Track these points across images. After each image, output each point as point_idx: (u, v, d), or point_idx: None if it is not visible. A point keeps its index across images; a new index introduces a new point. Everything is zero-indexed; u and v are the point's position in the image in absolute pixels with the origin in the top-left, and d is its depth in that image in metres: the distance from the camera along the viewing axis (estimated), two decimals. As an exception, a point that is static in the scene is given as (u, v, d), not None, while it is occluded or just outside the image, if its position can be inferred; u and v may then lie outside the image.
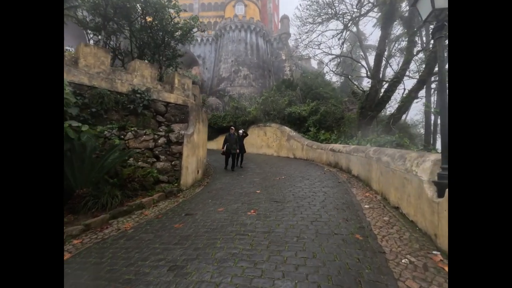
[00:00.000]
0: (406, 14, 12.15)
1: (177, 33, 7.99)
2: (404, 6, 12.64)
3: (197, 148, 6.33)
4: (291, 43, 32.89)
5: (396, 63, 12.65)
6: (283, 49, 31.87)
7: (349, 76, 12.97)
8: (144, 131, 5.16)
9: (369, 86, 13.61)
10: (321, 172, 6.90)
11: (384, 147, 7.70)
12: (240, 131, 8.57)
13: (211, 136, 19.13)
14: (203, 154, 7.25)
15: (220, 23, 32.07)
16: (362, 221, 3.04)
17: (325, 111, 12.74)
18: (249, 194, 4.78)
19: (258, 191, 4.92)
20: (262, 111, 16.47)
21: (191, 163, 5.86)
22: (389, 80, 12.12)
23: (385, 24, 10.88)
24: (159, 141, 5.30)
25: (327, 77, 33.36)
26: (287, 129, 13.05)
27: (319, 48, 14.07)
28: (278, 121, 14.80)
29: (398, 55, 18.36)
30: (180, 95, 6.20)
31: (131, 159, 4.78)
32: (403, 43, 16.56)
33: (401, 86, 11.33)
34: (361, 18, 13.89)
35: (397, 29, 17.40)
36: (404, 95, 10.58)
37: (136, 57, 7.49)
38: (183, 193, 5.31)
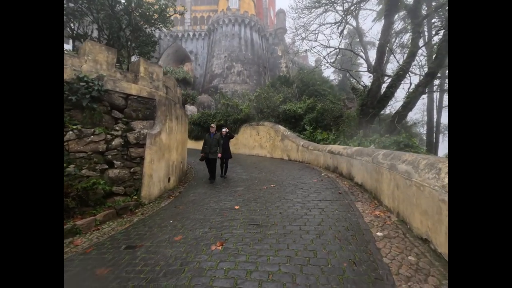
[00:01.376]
0: (411, 2, 11.25)
1: (142, 13, 6.85)
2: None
3: (167, 151, 5.27)
4: (287, 38, 31.96)
5: (396, 60, 11.71)
6: (279, 45, 30.88)
7: (349, 71, 12.00)
8: (93, 130, 4.08)
9: (370, 82, 12.69)
10: (318, 178, 5.90)
11: (390, 149, 6.74)
12: (224, 130, 6.65)
13: (200, 136, 18.05)
14: (179, 158, 6.19)
15: (213, 17, 30.91)
16: (378, 265, 2.03)
17: (322, 108, 11.77)
18: (225, 211, 3.75)
19: (237, 207, 3.88)
20: (255, 108, 15.45)
21: (158, 169, 4.80)
22: (392, 74, 11.19)
23: (389, 11, 9.93)
24: (113, 143, 4.23)
25: (325, 74, 32.51)
26: (281, 128, 12.05)
27: (316, 41, 13.09)
28: (273, 120, 13.79)
29: (398, 51, 17.54)
30: (146, 86, 5.12)
31: (71, 166, 3.70)
32: (405, 38, 15.73)
33: (406, 81, 10.42)
34: (362, 5, 12.89)
35: (397, 24, 16.57)
36: (410, 90, 9.64)
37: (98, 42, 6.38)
38: (144, 208, 4.24)
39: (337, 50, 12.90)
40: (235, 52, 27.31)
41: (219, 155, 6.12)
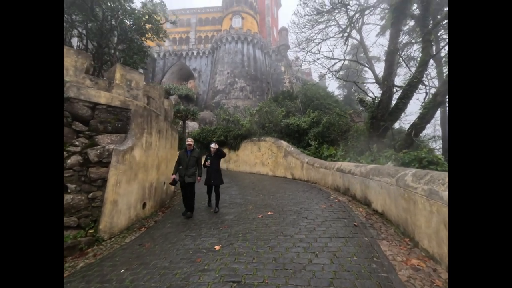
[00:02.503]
0: (417, 12, 10.77)
1: (129, 21, 6.43)
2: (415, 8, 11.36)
3: (143, 170, 4.44)
4: (291, 56, 32.23)
5: (408, 68, 11.01)
6: (282, 61, 31.06)
7: (356, 82, 11.30)
8: (43, 145, 3.31)
9: (379, 93, 11.92)
10: (326, 202, 4.88)
11: (411, 167, 5.71)
12: (212, 146, 5.07)
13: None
14: (161, 178, 5.33)
15: (217, 35, 31.70)
16: None
17: (328, 122, 10.93)
18: (200, 254, 2.78)
19: (217, 247, 2.91)
20: (257, 123, 14.77)
21: (127, 193, 3.93)
22: (403, 84, 10.41)
23: (396, 19, 9.40)
24: (68, 162, 3.43)
25: (330, 88, 32.16)
26: (283, 143, 11.17)
27: (319, 53, 12.61)
28: (275, 135, 12.99)
29: (404, 65, 16.98)
30: (122, 94, 4.44)
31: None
32: (412, 51, 15.21)
33: (419, 91, 9.59)
34: (366, 15, 12.50)
35: (402, 37, 16.19)
36: (426, 100, 8.77)
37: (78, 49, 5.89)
38: (100, 246, 3.31)
39: (342, 61, 12.36)
40: (238, 68, 27.45)
41: (199, 179, 4.76)
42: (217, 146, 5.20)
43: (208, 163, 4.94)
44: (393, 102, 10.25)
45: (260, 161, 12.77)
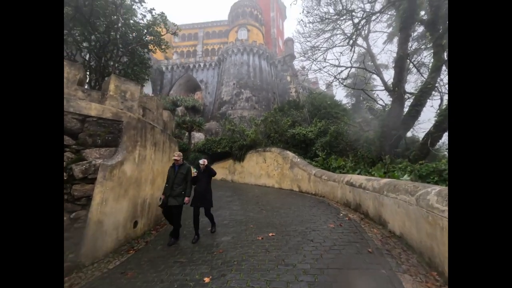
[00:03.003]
0: (426, 17, 10.42)
1: (131, 34, 6.41)
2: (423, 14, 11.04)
3: (134, 186, 4.15)
4: (296, 66, 32.32)
5: (420, 73, 10.57)
6: (288, 71, 31.14)
7: (364, 90, 10.90)
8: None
9: (390, 101, 11.44)
10: (335, 221, 4.40)
11: (430, 180, 5.17)
12: (201, 162, 4.33)
13: (204, 164, 17.10)
14: (156, 194, 5.02)
15: (223, 47, 32.36)
16: None
17: (336, 132, 10.48)
18: None
19: (206, 279, 2.51)
20: (263, 133, 14.48)
21: (114, 212, 3.63)
22: (415, 91, 9.92)
23: (405, 23, 9.09)
24: (50, 178, 3.19)
25: (337, 97, 31.75)
26: (290, 154, 10.75)
27: (325, 61, 12.37)
28: (281, 145, 12.61)
29: (414, 72, 16.50)
30: (115, 106, 4.25)
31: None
32: (423, 57, 14.76)
33: (435, 97, 9.08)
34: (372, 21, 12.29)
35: (412, 44, 15.84)
36: (442, 106, 8.23)
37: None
38: (80, 273, 2.98)
39: (349, 69, 12.05)
40: (244, 79, 27.65)
41: (187, 200, 3.99)
42: (206, 163, 4.34)
43: (194, 173, 4.20)
44: (405, 110, 9.77)
45: (266, 173, 12.34)
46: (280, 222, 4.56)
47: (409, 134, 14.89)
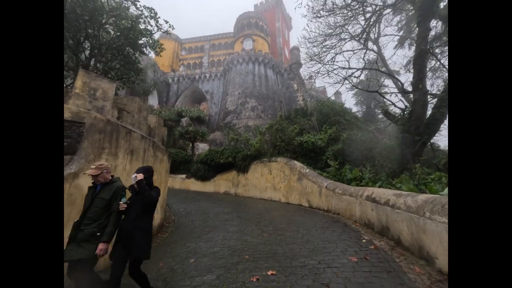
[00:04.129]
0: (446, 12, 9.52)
1: (108, 24, 5.81)
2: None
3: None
4: (303, 72, 31.76)
5: (445, 68, 9.52)
6: (295, 79, 30.59)
7: (379, 92, 9.92)
8: None
9: (409, 103, 10.40)
10: (358, 251, 3.36)
11: None
12: (133, 177, 2.44)
13: (206, 176, 16.24)
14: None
15: (228, 58, 32.42)
16: None
17: (349, 139, 9.45)
18: None
19: None
20: (268, 143, 13.59)
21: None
22: (439, 92, 8.85)
23: (424, 17, 8.21)
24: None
25: (347, 105, 30.79)
26: (297, 164, 9.74)
27: (333, 63, 11.56)
28: (288, 155, 11.64)
29: (430, 75, 15.39)
30: (81, 105, 3.52)
31: None
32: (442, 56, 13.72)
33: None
34: (385, 13, 11.49)
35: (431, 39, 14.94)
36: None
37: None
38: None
39: (360, 71, 11.17)
40: (249, 88, 27.22)
41: (101, 248, 2.24)
42: (140, 178, 2.44)
43: (122, 205, 2.43)
44: (428, 113, 8.69)
45: (272, 185, 11.30)
46: (284, 252, 3.54)
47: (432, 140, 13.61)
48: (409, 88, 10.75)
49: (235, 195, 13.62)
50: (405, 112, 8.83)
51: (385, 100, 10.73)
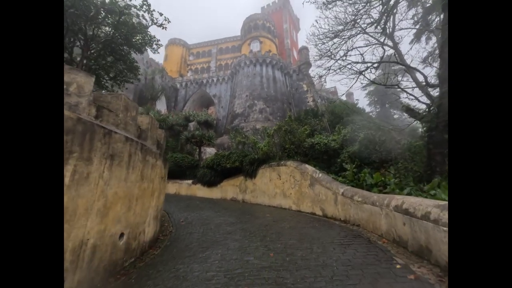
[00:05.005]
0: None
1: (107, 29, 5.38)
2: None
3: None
4: (312, 71, 30.88)
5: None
6: (304, 80, 29.76)
7: (398, 86, 8.97)
8: None
9: (434, 98, 9.33)
10: (392, 283, 2.53)
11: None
12: None
13: (213, 182, 15.62)
14: (109, 230, 3.52)
15: (236, 61, 32.14)
16: None
17: (366, 139, 8.52)
18: None
19: None
20: (277, 145, 12.84)
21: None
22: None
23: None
24: None
25: (360, 105, 29.48)
26: (309, 168, 8.91)
27: (346, 58, 10.71)
28: (298, 158, 10.83)
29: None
30: (47, 101, 2.96)
31: None
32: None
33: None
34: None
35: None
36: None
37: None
38: None
39: (376, 65, 10.26)
40: (257, 90, 26.65)
41: None
42: None
43: None
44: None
45: (281, 191, 10.50)
46: (294, 281, 2.77)
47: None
48: (433, 81, 9.72)
49: (242, 202, 12.88)
50: (431, 108, 7.83)
51: (404, 96, 9.72)
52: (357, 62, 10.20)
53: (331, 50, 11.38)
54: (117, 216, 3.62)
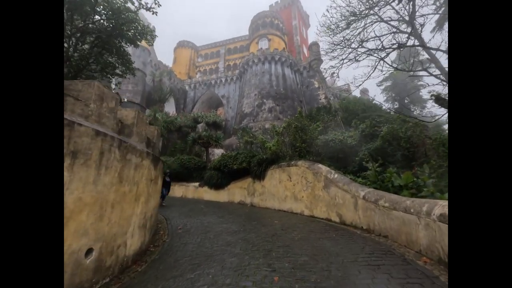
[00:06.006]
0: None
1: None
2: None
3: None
4: (324, 65, 29.63)
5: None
6: (315, 77, 28.58)
7: (426, 70, 7.83)
8: None
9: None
10: None
11: None
12: None
13: (220, 184, 14.91)
14: (74, 244, 2.82)
15: (244, 60, 31.54)
16: None
17: (390, 134, 7.45)
18: None
19: None
20: (288, 144, 11.95)
21: None
22: None
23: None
24: None
25: (378, 98, 27.90)
26: (322, 168, 7.96)
27: (361, 46, 9.67)
28: (310, 157, 9.89)
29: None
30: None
31: None
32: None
33: None
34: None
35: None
36: None
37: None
38: None
39: (397, 50, 9.15)
40: (266, 89, 25.80)
41: None
42: None
43: None
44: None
45: (292, 194, 9.58)
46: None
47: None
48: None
49: (250, 206, 12.06)
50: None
51: (426, 92, 8.51)
52: (375, 49, 9.13)
53: (346, 38, 10.38)
54: (81, 228, 2.92)
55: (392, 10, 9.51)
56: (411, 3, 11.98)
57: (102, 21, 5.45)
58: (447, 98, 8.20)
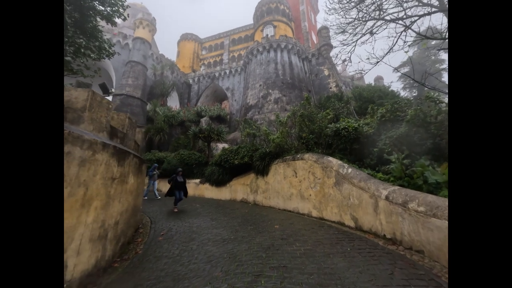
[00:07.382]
0: None
1: None
2: None
3: None
4: (334, 51, 27.84)
5: None
6: (325, 64, 26.85)
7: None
8: None
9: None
10: None
11: None
12: None
13: (221, 180, 13.97)
14: None
15: (247, 49, 30.16)
16: None
17: (417, 117, 6.11)
18: None
19: None
20: (294, 135, 10.79)
21: None
22: None
23: None
24: None
25: (394, 85, 25.99)
26: (333, 162, 6.78)
27: (372, 34, 8.22)
28: (319, 150, 8.71)
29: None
30: None
31: None
32: None
33: None
34: None
35: None
36: None
37: None
38: None
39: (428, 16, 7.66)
40: (271, 79, 24.41)
41: None
42: None
43: None
44: None
45: (298, 192, 8.46)
46: None
47: None
48: None
49: (253, 204, 11.04)
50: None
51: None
52: (398, 19, 7.68)
53: (362, 10, 8.95)
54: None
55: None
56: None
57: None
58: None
